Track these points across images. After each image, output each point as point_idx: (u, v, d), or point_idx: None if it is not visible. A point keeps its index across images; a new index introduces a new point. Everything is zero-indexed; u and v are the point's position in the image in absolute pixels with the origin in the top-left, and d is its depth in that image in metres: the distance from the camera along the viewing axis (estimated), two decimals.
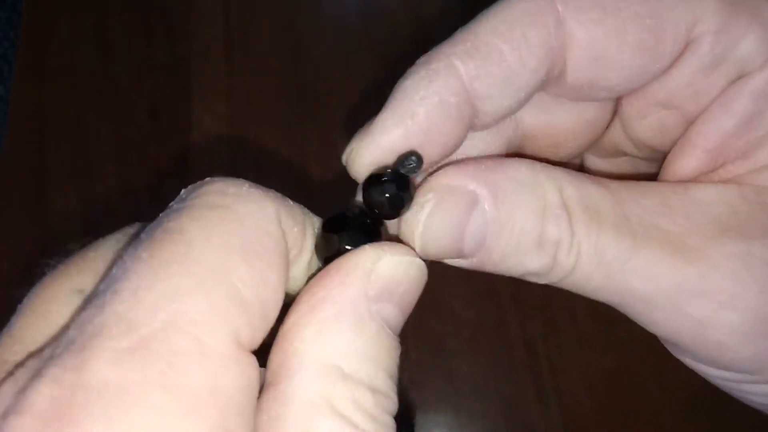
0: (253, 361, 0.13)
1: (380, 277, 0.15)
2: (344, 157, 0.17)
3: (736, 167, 0.18)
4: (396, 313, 0.16)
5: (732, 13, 0.16)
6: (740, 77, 0.17)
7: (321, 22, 0.53)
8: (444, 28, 0.20)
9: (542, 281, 0.18)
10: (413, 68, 0.17)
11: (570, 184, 0.17)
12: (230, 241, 0.14)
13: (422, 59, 0.17)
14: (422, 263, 0.16)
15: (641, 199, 0.17)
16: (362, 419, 0.14)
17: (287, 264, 0.15)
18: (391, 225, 0.19)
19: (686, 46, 0.17)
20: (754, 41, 0.16)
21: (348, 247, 0.16)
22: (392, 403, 0.15)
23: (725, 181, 0.18)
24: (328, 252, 0.17)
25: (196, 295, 0.13)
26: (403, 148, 0.16)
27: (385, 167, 0.17)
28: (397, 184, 0.16)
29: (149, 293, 0.13)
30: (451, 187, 0.17)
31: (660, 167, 0.19)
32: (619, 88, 0.18)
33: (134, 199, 0.47)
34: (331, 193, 0.47)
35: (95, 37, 0.53)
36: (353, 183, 0.19)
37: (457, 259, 0.18)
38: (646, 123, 0.19)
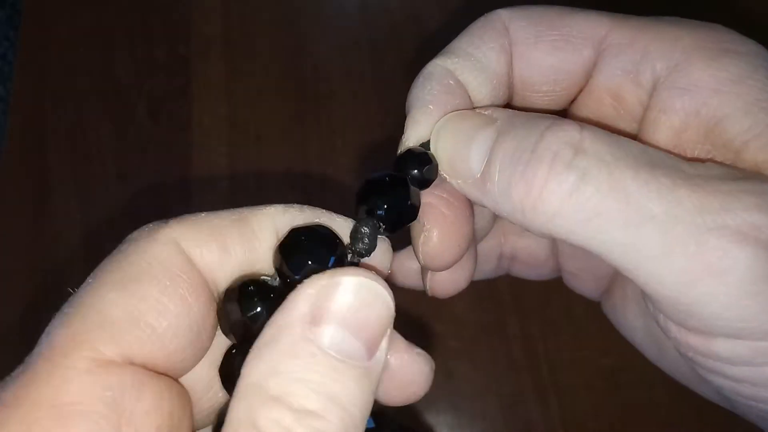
0: (120, 372, 0.15)
1: (318, 300, 0.15)
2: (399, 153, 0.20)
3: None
4: (345, 335, 0.15)
5: (638, 31, 0.19)
6: (655, 85, 0.19)
7: (321, 21, 0.53)
8: (444, 27, 0.21)
9: (538, 220, 0.17)
10: (414, 81, 0.21)
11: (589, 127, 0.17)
12: (107, 276, 0.16)
13: (418, 75, 0.21)
14: (368, 282, 0.16)
15: (661, 150, 0.17)
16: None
17: (187, 274, 0.17)
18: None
19: (599, 57, 0.20)
20: (656, 53, 0.19)
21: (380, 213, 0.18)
22: (328, 423, 0.15)
23: None
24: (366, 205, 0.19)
25: (61, 327, 0.16)
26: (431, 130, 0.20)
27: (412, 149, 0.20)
28: (421, 158, 0.19)
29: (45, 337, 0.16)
30: (474, 110, 0.20)
31: None
32: (544, 88, 0.21)
33: (134, 199, 0.47)
34: (332, 192, 0.47)
35: (95, 37, 0.53)
36: (353, 183, 0.19)
37: (469, 184, 0.18)
38: None
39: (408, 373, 0.20)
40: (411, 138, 0.20)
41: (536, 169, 0.16)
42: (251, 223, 0.18)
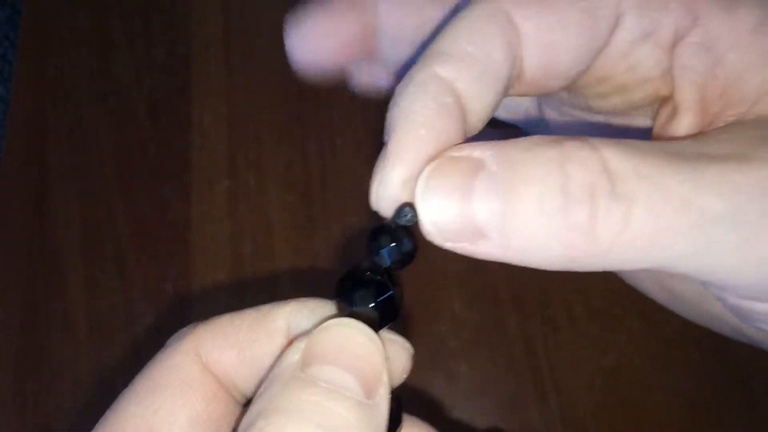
0: None
1: (308, 347, 0.16)
2: (372, 201, 0.17)
3: (729, 117, 0.18)
4: (336, 371, 0.15)
5: None
6: (676, 41, 0.18)
7: None
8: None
9: (588, 262, 0.15)
10: (400, 88, 0.17)
11: (593, 140, 0.15)
12: (134, 386, 0.18)
13: (404, 79, 0.17)
14: (353, 322, 0.16)
15: (675, 142, 0.16)
16: None
17: (200, 383, 0.18)
18: None
19: (616, 22, 0.18)
20: (677, 9, 0.17)
21: (358, 308, 0.17)
22: None
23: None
24: (343, 315, 0.17)
25: None
26: (422, 164, 0.16)
27: (384, 222, 0.17)
28: (398, 238, 0.17)
29: None
30: (452, 156, 0.16)
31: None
32: (571, 73, 0.18)
33: (134, 199, 0.47)
34: (332, 192, 0.47)
35: (95, 37, 0.53)
36: (353, 183, 0.19)
37: (480, 245, 0.15)
38: (592, 95, 0.20)
39: None
40: (394, 177, 0.16)
41: (578, 212, 0.14)
42: (267, 323, 0.18)
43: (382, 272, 0.17)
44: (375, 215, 0.17)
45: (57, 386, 0.43)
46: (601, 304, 0.45)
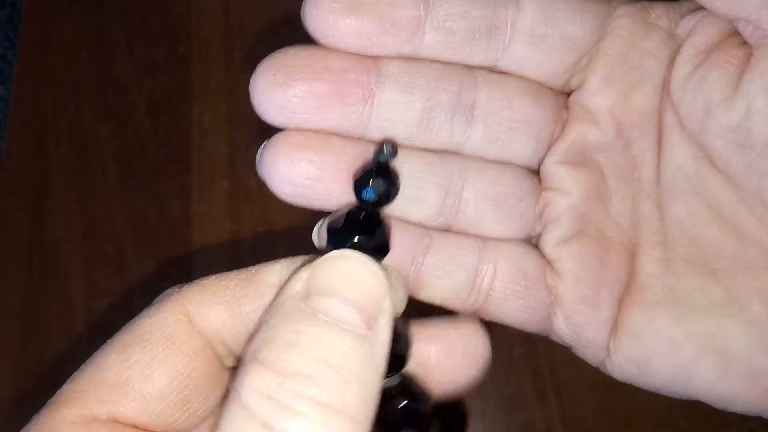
0: (98, 428, 0.16)
1: (309, 278, 0.16)
2: None
3: None
4: (335, 303, 0.15)
5: None
6: None
7: None
8: None
9: None
10: None
11: None
12: (118, 338, 0.18)
13: None
14: (352, 253, 0.16)
15: None
16: (256, 400, 0.14)
17: (183, 340, 0.17)
18: None
19: None
20: None
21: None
22: (318, 385, 0.14)
23: None
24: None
25: (69, 382, 0.18)
26: None
27: (366, 162, 0.18)
28: (380, 173, 0.17)
29: None
30: None
31: None
32: None
33: (134, 199, 0.47)
34: None
35: (95, 37, 0.53)
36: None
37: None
38: None
39: (454, 352, 0.20)
40: None
41: None
42: (256, 281, 0.18)
43: (369, 209, 0.18)
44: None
45: (57, 386, 0.43)
46: None
